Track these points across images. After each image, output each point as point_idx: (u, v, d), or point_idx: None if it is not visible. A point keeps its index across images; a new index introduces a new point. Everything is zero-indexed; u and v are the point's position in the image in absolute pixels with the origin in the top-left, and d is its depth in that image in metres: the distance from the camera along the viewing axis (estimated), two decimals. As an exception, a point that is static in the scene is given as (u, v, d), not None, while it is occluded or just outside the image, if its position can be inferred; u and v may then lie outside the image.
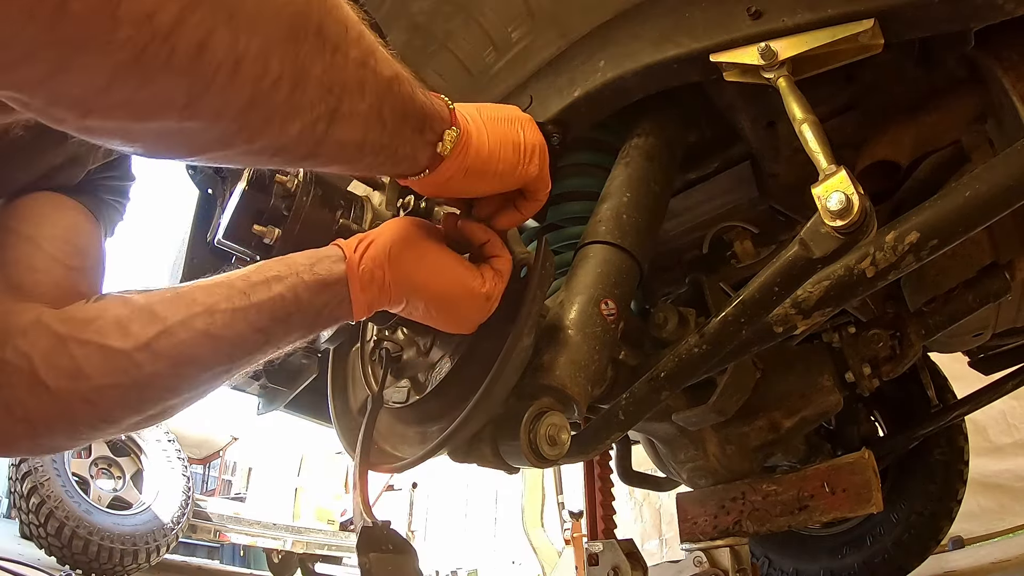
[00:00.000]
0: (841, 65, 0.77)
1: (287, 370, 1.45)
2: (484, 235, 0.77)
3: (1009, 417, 3.26)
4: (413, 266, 0.71)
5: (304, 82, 0.47)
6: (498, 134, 0.70)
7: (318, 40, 0.47)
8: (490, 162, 0.69)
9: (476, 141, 0.67)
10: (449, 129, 0.64)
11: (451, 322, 0.76)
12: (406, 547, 0.73)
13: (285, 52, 0.45)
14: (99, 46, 0.37)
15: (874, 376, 1.18)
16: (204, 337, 0.62)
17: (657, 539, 4.63)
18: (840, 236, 0.63)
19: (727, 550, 1.19)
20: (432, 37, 1.02)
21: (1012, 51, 0.82)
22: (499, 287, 0.74)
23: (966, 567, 2.47)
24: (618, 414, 0.86)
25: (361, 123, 0.54)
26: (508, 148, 0.70)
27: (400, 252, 0.71)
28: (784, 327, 0.84)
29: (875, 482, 1.10)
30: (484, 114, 0.70)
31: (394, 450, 0.86)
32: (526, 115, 0.76)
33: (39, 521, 3.59)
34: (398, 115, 0.58)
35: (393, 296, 0.71)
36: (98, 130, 0.43)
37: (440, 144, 0.64)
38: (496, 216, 0.78)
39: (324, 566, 6.32)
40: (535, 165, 0.73)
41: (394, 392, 0.87)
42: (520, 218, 0.78)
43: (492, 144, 0.69)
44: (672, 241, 1.30)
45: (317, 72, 0.48)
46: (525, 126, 0.73)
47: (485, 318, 0.76)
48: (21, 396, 0.59)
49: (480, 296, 0.73)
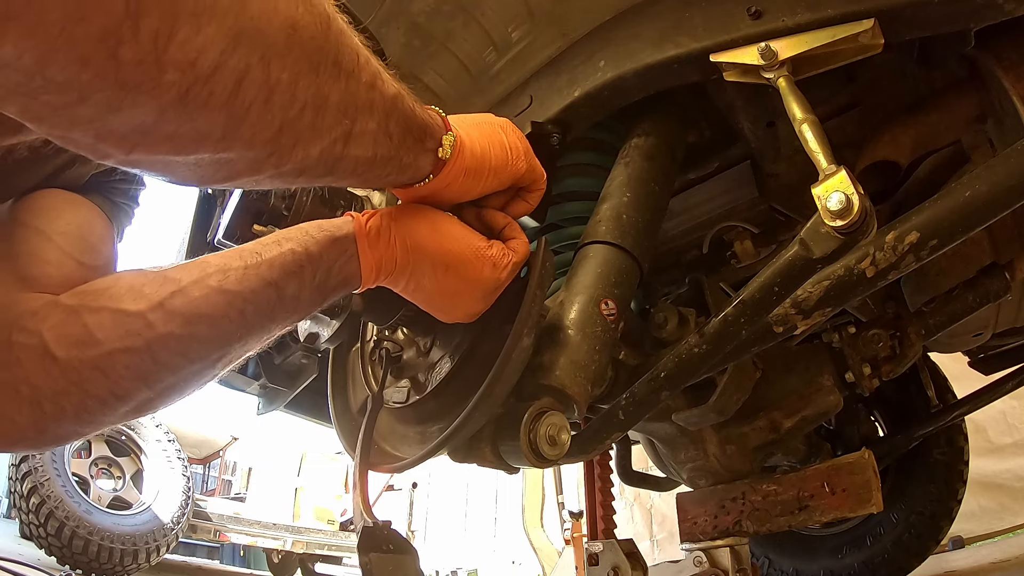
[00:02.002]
0: (841, 65, 0.77)
1: (287, 370, 1.46)
2: (503, 220, 0.80)
3: (1009, 417, 3.26)
4: (421, 226, 0.73)
5: (324, 107, 0.52)
6: (485, 137, 0.74)
7: (335, 69, 0.51)
8: (484, 161, 0.73)
9: (468, 144, 0.71)
10: (446, 134, 0.69)
11: (456, 295, 0.75)
12: (406, 547, 0.73)
13: (309, 82, 0.49)
14: (147, 89, 0.40)
15: (874, 376, 1.18)
16: (218, 293, 0.63)
17: (648, 540, 4.62)
18: (840, 236, 0.63)
19: (727, 550, 1.19)
20: (432, 37, 1.02)
21: (1012, 51, 0.82)
22: (510, 261, 0.75)
23: (966, 567, 2.47)
24: (618, 414, 0.86)
25: (372, 140, 0.59)
26: (496, 148, 0.75)
27: (408, 215, 0.73)
28: (784, 327, 0.84)
29: (875, 482, 1.10)
30: (466, 121, 0.74)
31: (394, 450, 0.86)
32: (503, 119, 0.80)
33: (39, 521, 3.59)
34: (402, 129, 0.62)
35: (399, 257, 0.71)
36: (141, 163, 0.47)
37: (441, 149, 0.68)
38: (505, 208, 0.81)
39: (324, 566, 6.32)
40: (522, 161, 0.77)
41: (394, 392, 0.87)
42: (528, 208, 0.82)
43: (482, 145, 0.73)
44: (672, 241, 1.30)
45: (335, 98, 0.52)
46: (505, 128, 0.78)
47: (492, 295, 0.76)
48: (29, 373, 0.58)
49: (488, 260, 0.73)
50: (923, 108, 0.99)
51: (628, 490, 1.90)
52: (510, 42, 1.01)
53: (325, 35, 0.50)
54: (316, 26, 0.48)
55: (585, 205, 1.02)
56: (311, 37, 0.48)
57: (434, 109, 0.70)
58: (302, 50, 0.47)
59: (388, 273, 0.72)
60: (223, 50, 0.41)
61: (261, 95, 0.45)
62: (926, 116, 0.99)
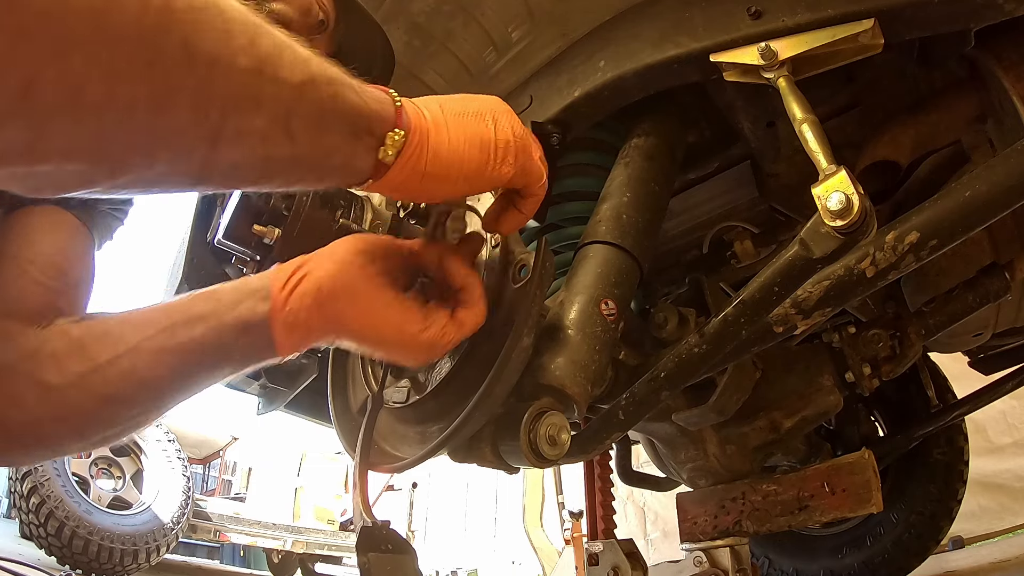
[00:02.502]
0: (841, 65, 0.77)
1: (287, 370, 1.45)
2: (463, 280, 0.70)
3: (1009, 417, 3.26)
4: (344, 308, 0.64)
5: (168, 105, 0.41)
6: (462, 131, 0.61)
7: (184, 55, 0.40)
8: (452, 165, 0.60)
9: (435, 141, 0.59)
10: (392, 131, 0.56)
11: (392, 358, 0.70)
12: (406, 547, 0.73)
13: (136, 75, 0.39)
14: None
15: (874, 376, 1.18)
16: (130, 377, 0.63)
17: (643, 539, 4.61)
18: (840, 236, 0.63)
19: (727, 550, 1.19)
20: (432, 37, 1.02)
21: (1012, 51, 0.82)
22: (450, 337, 0.66)
23: (966, 567, 2.47)
24: (618, 414, 0.86)
25: (259, 140, 0.47)
26: (475, 147, 0.61)
27: (332, 291, 0.63)
28: (784, 327, 0.84)
29: (875, 482, 1.10)
30: (448, 109, 0.62)
31: (394, 450, 0.85)
32: (503, 106, 0.66)
33: (39, 521, 3.59)
34: (313, 125, 0.50)
35: (321, 339, 0.65)
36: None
37: (382, 149, 0.56)
38: (498, 222, 0.72)
39: (324, 566, 6.32)
40: (508, 164, 0.64)
41: (394, 392, 0.87)
42: (523, 219, 0.72)
43: (455, 143, 0.60)
44: (672, 241, 1.30)
45: (187, 92, 0.42)
46: (499, 119, 0.64)
47: (432, 361, 0.72)
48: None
49: (420, 345, 0.65)
50: (923, 108, 0.99)
51: (621, 488, 1.90)
52: (510, 42, 1.01)
53: (163, 13, 0.39)
54: (142, 3, 0.38)
55: (585, 205, 1.02)
56: (135, 18, 0.38)
57: (389, 93, 0.58)
58: (119, 37, 0.37)
59: (308, 348, 0.67)
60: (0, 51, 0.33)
61: (62, 96, 0.37)
62: (926, 116, 0.99)
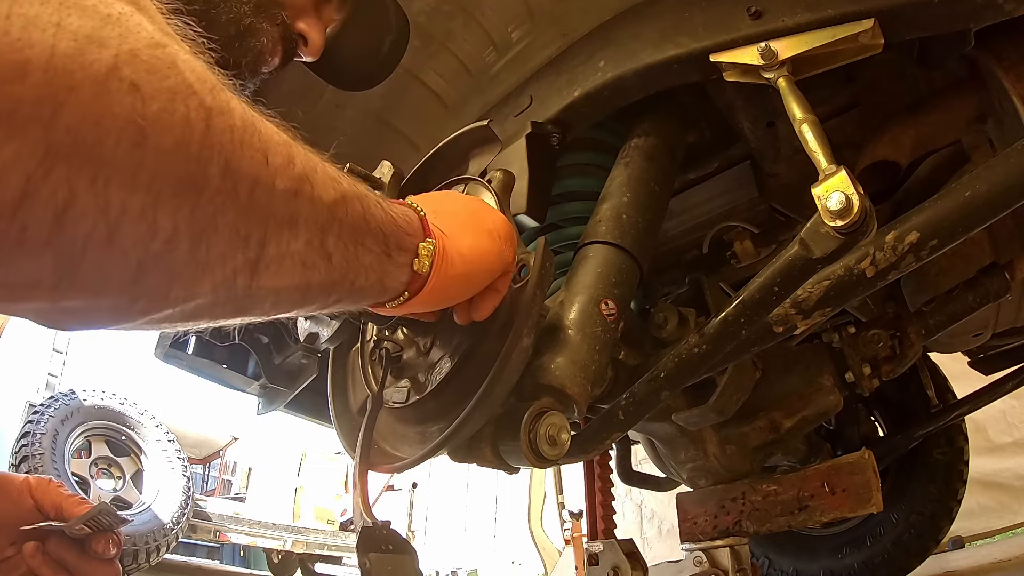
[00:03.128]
0: (841, 65, 0.77)
1: (287, 370, 1.46)
2: None
3: (1009, 417, 3.26)
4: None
5: (211, 231, 0.38)
6: (466, 227, 0.62)
7: (226, 181, 0.38)
8: (475, 262, 0.61)
9: (451, 244, 0.59)
10: (424, 242, 0.55)
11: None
12: (406, 547, 0.73)
13: (179, 203, 0.36)
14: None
15: (874, 376, 1.18)
16: None
17: (639, 537, 4.61)
18: (840, 236, 0.63)
19: (727, 550, 1.19)
20: (432, 37, 1.02)
21: (1012, 51, 0.82)
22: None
23: (966, 567, 2.47)
24: (618, 414, 0.86)
25: (298, 264, 0.45)
26: (483, 238, 0.63)
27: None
28: (784, 327, 0.84)
29: (875, 482, 1.10)
30: (439, 209, 0.62)
31: (394, 450, 0.85)
32: (476, 199, 0.70)
33: (39, 521, 3.58)
34: (349, 243, 0.49)
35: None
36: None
37: (417, 261, 0.55)
38: (476, 308, 0.70)
39: (324, 566, 6.32)
40: (511, 247, 0.66)
41: (394, 392, 0.87)
42: (500, 296, 0.70)
43: (468, 240, 0.61)
44: (672, 241, 1.30)
45: (229, 218, 0.39)
46: (483, 209, 0.68)
47: None
48: None
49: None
50: (923, 108, 0.99)
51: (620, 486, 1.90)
52: (510, 42, 1.01)
53: (205, 137, 0.36)
54: (185, 126, 0.35)
55: (585, 205, 1.02)
56: (177, 143, 0.35)
57: (410, 205, 0.57)
58: (159, 163, 0.34)
59: None
60: (30, 175, 0.30)
61: (99, 228, 0.33)
62: (926, 116, 0.99)
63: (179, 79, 0.35)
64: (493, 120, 1.01)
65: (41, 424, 3.92)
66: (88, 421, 4.28)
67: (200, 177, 0.37)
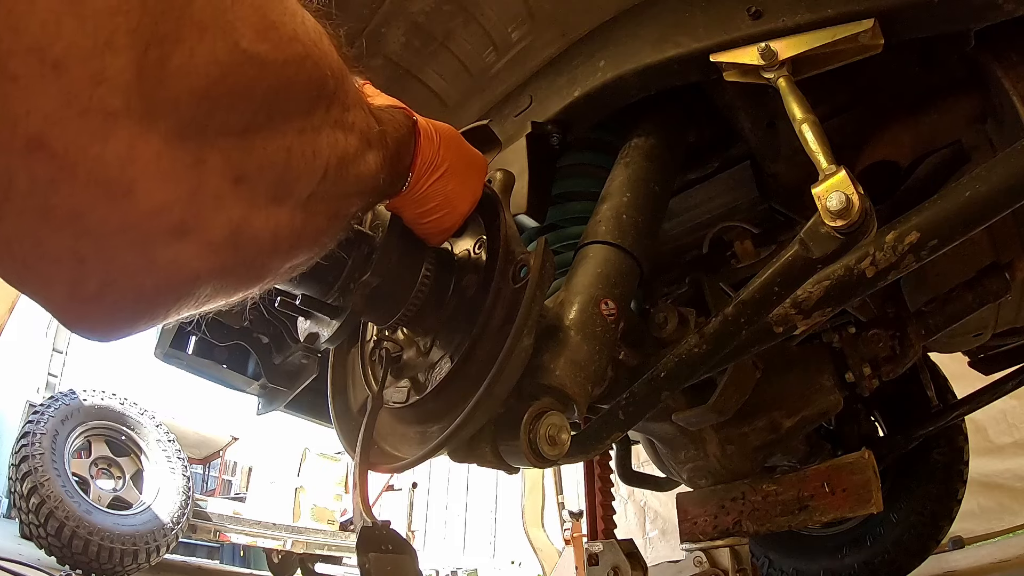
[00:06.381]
0: (841, 65, 0.77)
1: (287, 370, 1.46)
2: None
3: (1009, 417, 3.26)
4: None
5: None
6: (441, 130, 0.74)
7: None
8: (456, 146, 0.74)
9: (423, 125, 0.71)
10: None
11: None
12: (405, 547, 0.73)
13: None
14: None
15: (874, 376, 1.18)
16: None
17: (641, 538, 4.62)
18: (840, 236, 0.63)
19: (727, 550, 1.19)
20: (432, 37, 1.02)
21: (1012, 51, 0.82)
22: None
23: (966, 567, 2.47)
24: (618, 414, 0.86)
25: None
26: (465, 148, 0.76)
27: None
28: (784, 327, 0.84)
29: (875, 482, 1.10)
30: None
31: (394, 450, 0.85)
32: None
33: (39, 521, 3.59)
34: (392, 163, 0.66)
35: None
36: None
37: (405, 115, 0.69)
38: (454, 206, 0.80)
39: (324, 566, 6.32)
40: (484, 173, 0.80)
41: (394, 392, 0.87)
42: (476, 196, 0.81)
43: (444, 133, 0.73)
44: (672, 241, 1.30)
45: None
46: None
47: None
48: None
49: None
50: (923, 108, 0.99)
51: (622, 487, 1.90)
52: (510, 42, 1.01)
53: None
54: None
55: (585, 205, 1.02)
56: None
57: (399, 107, 0.70)
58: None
59: None
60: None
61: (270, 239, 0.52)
62: (926, 116, 0.99)
63: None
64: (493, 120, 1.02)
65: (41, 424, 3.92)
66: (88, 421, 4.28)
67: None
